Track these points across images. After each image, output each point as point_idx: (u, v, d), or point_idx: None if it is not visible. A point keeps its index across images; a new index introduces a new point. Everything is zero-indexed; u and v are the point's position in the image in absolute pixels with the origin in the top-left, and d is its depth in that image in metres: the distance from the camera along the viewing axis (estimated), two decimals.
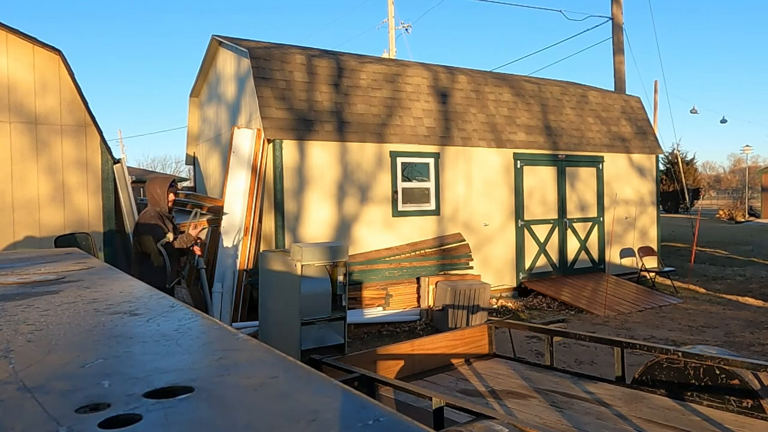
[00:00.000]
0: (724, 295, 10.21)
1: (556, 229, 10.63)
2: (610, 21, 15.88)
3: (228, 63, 9.60)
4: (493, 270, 9.78)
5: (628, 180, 11.84)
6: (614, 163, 11.60)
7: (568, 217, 10.80)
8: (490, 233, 9.80)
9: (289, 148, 8.06)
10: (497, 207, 9.92)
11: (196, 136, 11.78)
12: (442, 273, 8.65)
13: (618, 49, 15.66)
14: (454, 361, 3.88)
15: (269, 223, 8.18)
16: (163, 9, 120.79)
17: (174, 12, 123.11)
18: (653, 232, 12.24)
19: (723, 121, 34.10)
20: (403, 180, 8.97)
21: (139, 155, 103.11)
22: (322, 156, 8.31)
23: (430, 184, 9.23)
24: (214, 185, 9.96)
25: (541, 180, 10.48)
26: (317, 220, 8.22)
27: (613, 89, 14.80)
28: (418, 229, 9.04)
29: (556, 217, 10.64)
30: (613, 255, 11.34)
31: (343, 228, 8.41)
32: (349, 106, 8.68)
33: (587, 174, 11.17)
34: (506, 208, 10.03)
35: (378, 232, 8.67)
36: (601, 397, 3.10)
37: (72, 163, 7.04)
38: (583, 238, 10.99)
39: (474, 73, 10.84)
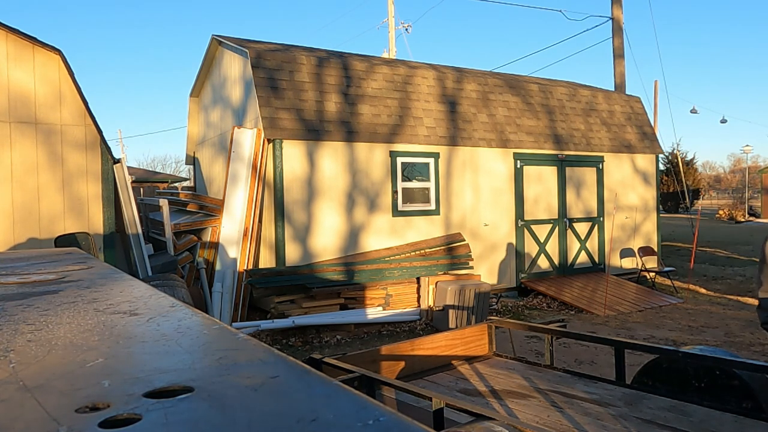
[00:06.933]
0: (725, 295, 10.21)
1: (557, 229, 10.63)
2: (610, 21, 15.88)
3: (233, 65, 9.59)
4: (494, 270, 9.78)
5: (628, 180, 11.84)
6: (614, 163, 11.60)
7: (569, 216, 10.80)
8: (491, 233, 9.80)
9: (289, 148, 8.06)
10: (497, 207, 9.93)
11: (197, 137, 11.78)
12: (442, 273, 8.65)
13: (618, 50, 15.66)
14: (454, 360, 3.88)
15: (270, 222, 8.18)
16: (162, 8, 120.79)
17: (173, 11, 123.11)
18: (653, 232, 12.25)
19: (723, 120, 34.10)
20: (403, 180, 8.97)
21: (139, 155, 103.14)
22: (321, 156, 8.31)
23: (430, 184, 9.23)
24: (218, 190, 9.90)
25: (541, 180, 10.48)
26: (316, 219, 8.23)
27: (612, 89, 14.80)
28: (418, 229, 9.04)
29: (556, 217, 10.64)
30: (613, 255, 11.34)
31: (343, 228, 8.42)
32: (349, 106, 8.68)
33: (587, 174, 11.17)
34: (506, 208, 10.03)
35: (377, 232, 8.67)
36: (601, 398, 3.10)
37: (71, 163, 7.04)
38: (583, 237, 10.99)
39: (475, 73, 10.84)
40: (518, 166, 10.15)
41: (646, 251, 11.46)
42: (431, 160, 9.24)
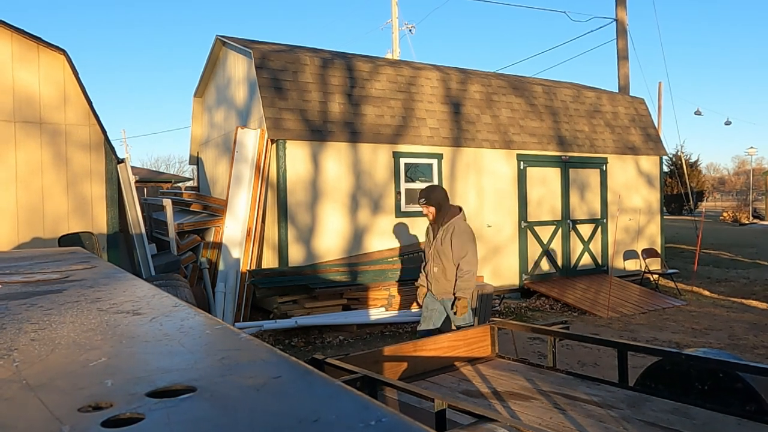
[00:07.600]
0: (728, 298, 10.18)
1: (560, 231, 10.61)
2: (615, 23, 15.85)
3: (237, 65, 9.59)
4: (497, 271, 9.76)
5: (631, 182, 11.81)
6: (618, 165, 11.57)
7: (572, 218, 10.78)
8: (494, 234, 9.79)
9: (292, 149, 8.07)
10: (500, 208, 9.91)
11: (201, 137, 11.80)
12: None
13: (622, 52, 15.63)
14: (456, 362, 3.87)
15: (273, 223, 8.19)
16: (166, 8, 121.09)
17: (177, 11, 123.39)
18: (657, 234, 12.21)
19: (727, 122, 34.02)
20: (407, 181, 8.97)
21: (143, 155, 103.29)
22: (324, 157, 8.31)
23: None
24: (222, 190, 9.90)
25: (544, 181, 10.46)
26: (320, 219, 8.23)
27: (617, 91, 14.77)
28: (421, 230, 9.03)
29: (559, 218, 10.63)
30: (616, 257, 11.31)
31: (346, 229, 8.42)
32: (353, 107, 8.68)
33: (591, 175, 11.15)
34: (510, 209, 10.02)
35: (381, 234, 8.67)
36: (604, 400, 3.10)
37: (75, 163, 7.06)
38: (586, 239, 10.97)
39: (479, 74, 10.83)
40: (522, 167, 10.13)
41: (649, 253, 11.43)
42: (434, 161, 9.24)
